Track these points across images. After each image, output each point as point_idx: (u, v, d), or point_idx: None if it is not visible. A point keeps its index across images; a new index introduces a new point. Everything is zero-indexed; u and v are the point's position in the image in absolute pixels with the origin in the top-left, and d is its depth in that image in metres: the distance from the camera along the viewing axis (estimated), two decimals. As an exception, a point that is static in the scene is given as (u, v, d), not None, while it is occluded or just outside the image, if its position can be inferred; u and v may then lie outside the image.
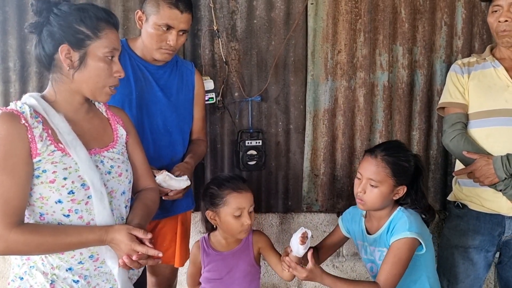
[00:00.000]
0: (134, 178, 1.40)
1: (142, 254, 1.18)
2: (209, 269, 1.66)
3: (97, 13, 1.23)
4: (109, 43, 1.23)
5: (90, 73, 1.23)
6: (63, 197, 1.17)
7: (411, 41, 2.22)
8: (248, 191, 1.62)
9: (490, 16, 1.80)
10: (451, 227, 1.91)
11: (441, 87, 2.20)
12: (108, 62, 1.24)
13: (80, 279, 1.22)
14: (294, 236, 1.49)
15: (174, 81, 1.83)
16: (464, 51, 2.21)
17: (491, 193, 1.76)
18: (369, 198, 1.58)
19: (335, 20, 2.18)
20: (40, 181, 1.16)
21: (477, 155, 1.72)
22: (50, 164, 1.16)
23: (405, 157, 1.60)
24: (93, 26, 1.21)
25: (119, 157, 1.33)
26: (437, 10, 2.22)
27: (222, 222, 1.61)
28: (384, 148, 1.60)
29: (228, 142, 2.22)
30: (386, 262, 1.52)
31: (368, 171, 1.58)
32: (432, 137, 2.27)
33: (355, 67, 2.21)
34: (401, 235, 1.52)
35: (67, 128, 1.21)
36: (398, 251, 1.51)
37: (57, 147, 1.18)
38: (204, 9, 2.16)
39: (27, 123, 1.15)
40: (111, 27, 1.25)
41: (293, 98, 2.22)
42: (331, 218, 2.32)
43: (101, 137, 1.33)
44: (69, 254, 1.20)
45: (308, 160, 2.24)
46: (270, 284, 2.34)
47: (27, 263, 1.22)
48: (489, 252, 1.83)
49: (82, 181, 1.19)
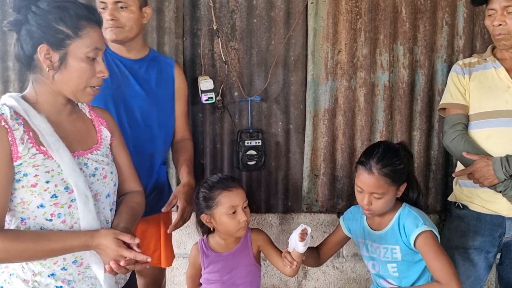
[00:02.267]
0: (119, 181, 1.36)
1: (129, 260, 1.12)
2: (210, 271, 1.64)
3: (77, 11, 1.15)
4: (90, 42, 1.17)
5: (71, 74, 1.17)
6: (46, 201, 1.12)
7: (412, 41, 2.19)
8: (238, 188, 1.60)
9: (487, 19, 1.78)
10: (452, 228, 1.89)
11: (442, 87, 2.18)
12: (90, 63, 1.18)
13: (64, 284, 1.17)
14: (294, 232, 1.48)
15: (152, 75, 1.79)
16: (466, 51, 2.18)
17: (491, 194, 1.74)
18: (376, 208, 1.56)
19: (335, 20, 2.16)
20: (21, 185, 1.11)
21: (477, 156, 1.70)
22: (32, 168, 1.11)
23: (398, 160, 1.55)
24: (73, 25, 1.14)
25: (103, 159, 1.28)
26: (438, 9, 2.19)
27: (218, 223, 1.59)
28: (377, 160, 1.53)
29: (227, 142, 2.20)
30: (430, 262, 1.51)
31: (369, 187, 1.53)
32: (433, 137, 2.24)
33: (356, 67, 2.18)
34: (419, 229, 1.51)
35: (49, 130, 1.15)
36: (427, 246, 1.50)
37: (38, 149, 1.12)
38: (203, 8, 2.14)
39: (7, 125, 1.09)
40: (93, 25, 1.19)
41: (293, 98, 2.19)
42: (331, 218, 2.29)
43: (84, 139, 1.27)
44: (51, 260, 1.15)
45: (308, 160, 2.21)
46: (270, 284, 2.32)
47: (6, 271, 1.17)
48: (490, 253, 1.81)
49: (66, 184, 1.14)
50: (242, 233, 1.60)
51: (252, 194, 2.23)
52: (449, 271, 1.48)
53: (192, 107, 2.18)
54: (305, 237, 1.43)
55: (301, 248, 1.45)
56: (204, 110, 2.18)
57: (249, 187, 2.22)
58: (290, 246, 1.49)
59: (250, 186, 2.22)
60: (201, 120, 2.19)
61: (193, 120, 2.19)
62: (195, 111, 2.19)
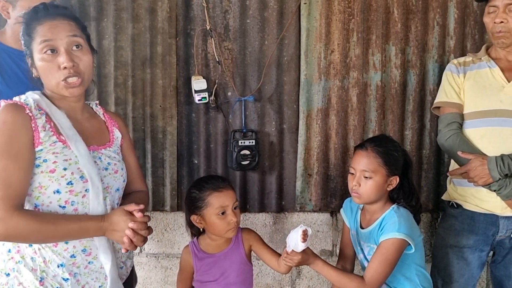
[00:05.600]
0: (127, 181, 1.38)
1: (142, 223, 1.17)
2: (202, 273, 1.59)
3: (30, 15, 1.21)
4: (40, 36, 1.19)
5: (40, 73, 1.22)
6: (62, 187, 1.15)
7: (404, 41, 2.14)
8: (229, 189, 1.56)
9: (486, 17, 1.72)
10: (446, 227, 1.84)
11: (433, 86, 2.14)
12: (50, 59, 1.19)
13: (70, 276, 1.17)
14: (292, 233, 1.46)
15: None
16: (456, 51, 2.14)
17: (485, 193, 1.70)
18: (364, 190, 1.56)
19: (328, 20, 2.10)
20: (40, 170, 1.14)
21: (472, 155, 1.66)
22: (51, 154, 1.15)
23: (393, 147, 1.60)
24: (27, 29, 1.20)
25: (115, 156, 1.33)
26: (430, 10, 2.14)
27: (208, 224, 1.54)
28: (372, 140, 1.62)
29: (221, 142, 2.14)
30: (374, 260, 1.51)
31: (360, 163, 1.57)
32: (424, 136, 2.19)
33: (348, 67, 2.13)
34: (390, 235, 1.49)
35: (68, 124, 1.21)
36: (386, 251, 1.49)
37: (58, 138, 1.17)
38: (197, 8, 2.08)
39: (31, 113, 1.15)
40: (40, 21, 1.20)
41: (287, 97, 2.14)
42: (324, 217, 2.24)
43: (99, 136, 1.33)
44: (62, 247, 1.17)
45: (301, 159, 2.16)
46: (263, 284, 2.26)
47: (15, 257, 1.16)
48: (483, 252, 1.77)
49: (81, 173, 1.18)
50: (232, 234, 1.55)
51: (245, 193, 2.17)
52: (379, 277, 1.49)
53: (185, 107, 2.12)
54: (307, 238, 1.42)
55: (301, 248, 1.43)
56: (198, 110, 2.12)
57: (242, 186, 2.16)
58: (289, 246, 1.46)
59: (243, 185, 2.16)
60: (194, 120, 2.13)
61: (187, 120, 2.13)
62: (188, 111, 2.13)
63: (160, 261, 2.24)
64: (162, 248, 2.23)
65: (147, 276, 2.24)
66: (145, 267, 2.24)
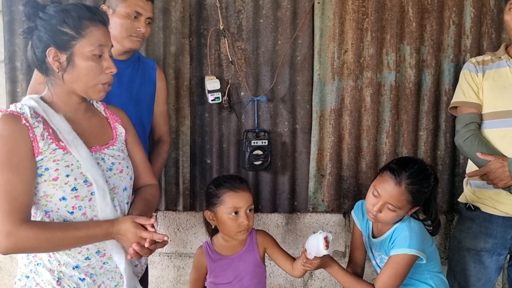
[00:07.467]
0: (135, 176, 1.35)
1: (150, 240, 1.13)
2: (216, 274, 1.55)
3: (79, 12, 1.17)
4: (95, 40, 1.17)
5: (79, 72, 1.17)
6: (67, 194, 1.13)
7: (419, 41, 2.07)
8: (245, 191, 1.51)
9: (507, 14, 1.65)
10: (463, 230, 1.77)
11: (449, 86, 2.07)
12: (97, 60, 1.18)
13: (86, 277, 1.17)
14: (311, 239, 1.41)
15: (136, 76, 1.76)
16: (473, 51, 2.06)
17: (504, 195, 1.63)
18: (383, 218, 1.48)
19: (341, 19, 2.05)
20: (43, 179, 1.13)
21: (492, 157, 1.59)
22: (52, 162, 1.13)
23: (427, 183, 1.47)
24: (76, 25, 1.15)
25: (119, 154, 1.28)
26: (445, 9, 2.07)
27: (220, 222, 1.51)
28: (410, 174, 1.44)
29: (234, 142, 2.10)
30: (384, 272, 1.47)
31: (389, 196, 1.44)
32: (439, 137, 2.12)
33: (362, 67, 2.07)
34: (400, 250, 1.45)
35: (67, 128, 1.18)
36: (396, 265, 1.45)
37: (58, 145, 1.15)
38: (210, 8, 2.04)
39: (28, 123, 1.12)
40: (96, 24, 1.18)
41: (300, 97, 2.09)
42: (337, 218, 2.18)
43: (101, 135, 1.28)
44: (76, 250, 1.16)
45: (314, 160, 2.10)
46: (275, 284, 2.21)
47: (33, 261, 1.17)
48: (501, 256, 1.70)
49: (85, 178, 1.15)
50: (242, 237, 1.51)
51: (258, 193, 2.13)
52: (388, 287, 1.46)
53: (198, 107, 2.09)
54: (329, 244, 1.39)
55: (323, 254, 1.40)
56: (211, 110, 2.09)
57: (255, 187, 2.11)
58: (310, 253, 1.41)
59: (256, 186, 2.12)
60: (207, 120, 2.10)
61: (200, 120, 2.10)
62: (201, 111, 2.09)
63: (173, 260, 2.21)
64: (174, 247, 2.20)
65: (160, 275, 2.22)
66: (158, 266, 2.21)
